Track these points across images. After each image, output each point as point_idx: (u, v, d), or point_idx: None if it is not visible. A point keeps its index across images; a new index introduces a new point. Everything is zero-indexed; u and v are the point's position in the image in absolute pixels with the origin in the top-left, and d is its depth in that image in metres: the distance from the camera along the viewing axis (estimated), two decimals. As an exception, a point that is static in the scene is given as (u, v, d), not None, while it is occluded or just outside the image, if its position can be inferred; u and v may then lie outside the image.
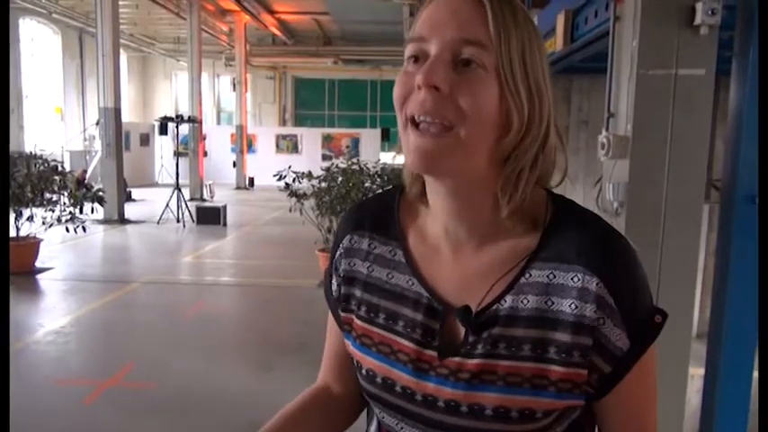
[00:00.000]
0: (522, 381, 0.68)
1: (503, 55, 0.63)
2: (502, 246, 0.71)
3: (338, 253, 0.82)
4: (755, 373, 2.38)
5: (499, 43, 0.63)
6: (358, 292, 0.79)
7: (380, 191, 0.82)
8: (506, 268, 0.70)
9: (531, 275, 0.69)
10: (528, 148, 0.67)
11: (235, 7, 16.45)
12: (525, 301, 0.69)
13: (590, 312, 0.67)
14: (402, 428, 0.75)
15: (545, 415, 0.68)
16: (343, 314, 0.81)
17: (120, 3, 11.51)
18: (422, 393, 0.72)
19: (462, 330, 0.71)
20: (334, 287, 0.83)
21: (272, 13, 17.94)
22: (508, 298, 0.69)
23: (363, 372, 0.77)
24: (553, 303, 0.68)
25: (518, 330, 0.68)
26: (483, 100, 0.64)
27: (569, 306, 0.67)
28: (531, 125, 0.67)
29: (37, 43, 16.74)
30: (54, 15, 16.00)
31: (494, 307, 0.70)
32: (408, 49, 0.67)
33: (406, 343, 0.73)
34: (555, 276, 0.68)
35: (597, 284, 0.66)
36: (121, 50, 13.93)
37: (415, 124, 0.65)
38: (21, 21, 15.51)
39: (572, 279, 0.67)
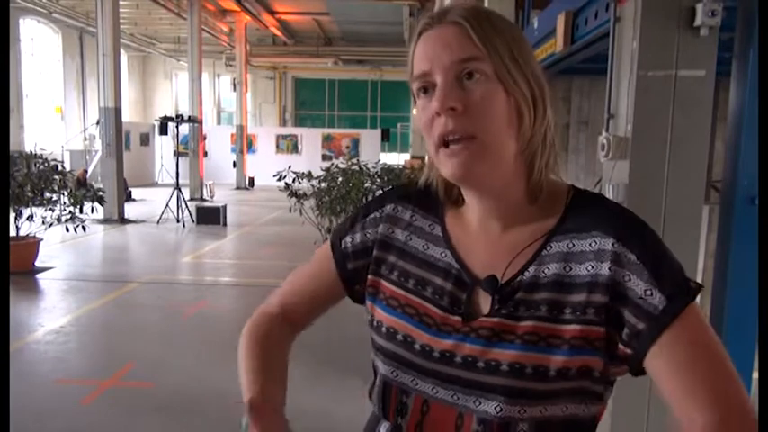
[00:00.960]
0: (538, 339, 0.72)
1: (495, 60, 0.71)
2: (527, 227, 0.78)
3: (374, 215, 0.87)
4: (755, 374, 2.38)
5: (488, 52, 0.71)
6: (392, 258, 0.84)
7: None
8: (530, 242, 0.77)
9: (552, 247, 0.75)
10: (539, 129, 0.75)
11: (235, 7, 16.46)
12: (546, 270, 0.75)
13: (605, 270, 0.71)
14: (417, 384, 0.78)
15: (558, 375, 0.71)
16: (371, 277, 0.86)
17: (121, 2, 11.51)
18: (440, 350, 0.76)
19: (487, 302, 0.76)
20: (354, 240, 0.87)
21: (272, 13, 17.96)
22: (531, 268, 0.75)
23: (384, 330, 0.82)
24: (571, 269, 0.73)
25: (538, 295, 0.74)
26: (493, 105, 0.72)
27: (586, 269, 0.72)
28: (537, 109, 0.74)
29: (37, 43, 16.76)
30: (54, 15, 16.00)
31: (518, 278, 0.75)
32: (415, 86, 0.75)
33: (432, 308, 0.79)
34: (574, 245, 0.74)
35: (613, 244, 0.71)
36: (122, 50, 13.93)
37: (445, 144, 0.72)
38: (21, 20, 15.52)
39: (589, 245, 0.73)
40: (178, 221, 10.52)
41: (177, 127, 12.09)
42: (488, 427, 0.73)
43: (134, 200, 13.70)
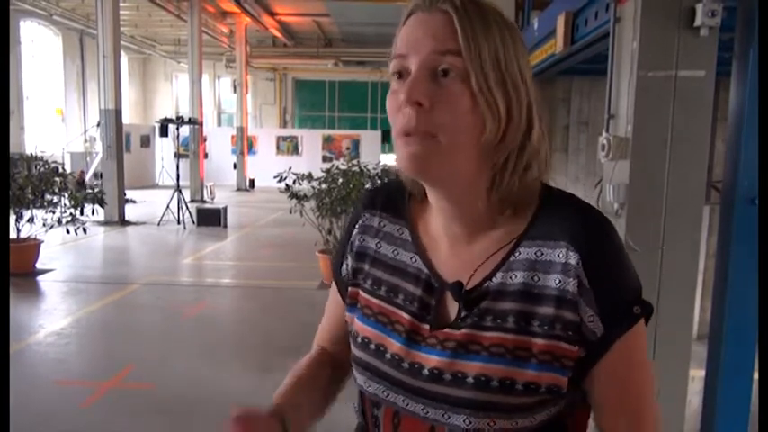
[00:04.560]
0: (504, 351, 0.71)
1: (473, 62, 0.68)
2: (495, 233, 0.76)
3: (354, 231, 0.87)
4: (755, 375, 2.38)
5: (469, 52, 0.68)
6: (366, 267, 0.84)
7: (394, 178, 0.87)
8: (498, 249, 0.75)
9: (520, 253, 0.74)
10: (512, 139, 0.72)
11: (235, 9, 16.46)
12: (513, 277, 0.73)
13: (572, 287, 0.70)
14: (388, 396, 0.78)
15: (525, 389, 0.70)
16: (351, 288, 0.86)
17: (121, 5, 11.52)
18: (409, 361, 0.75)
19: (455, 308, 0.75)
20: (345, 264, 0.87)
21: (272, 14, 17.96)
22: (498, 275, 0.74)
23: (359, 340, 0.82)
24: (539, 279, 0.72)
25: (505, 304, 0.72)
26: (459, 108, 0.69)
27: (554, 281, 0.71)
28: (510, 118, 0.71)
29: (38, 45, 16.76)
30: (55, 17, 16.01)
31: (485, 284, 0.74)
32: (392, 66, 0.73)
33: (403, 314, 0.78)
34: (542, 253, 0.72)
35: (577, 261, 0.70)
36: (122, 52, 13.94)
37: (406, 134, 0.70)
38: (21, 23, 15.53)
39: (558, 255, 0.71)
40: (179, 223, 10.51)
41: (178, 129, 12.08)
42: None
43: (133, 201, 13.65)
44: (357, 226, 0.87)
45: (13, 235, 6.48)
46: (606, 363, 0.71)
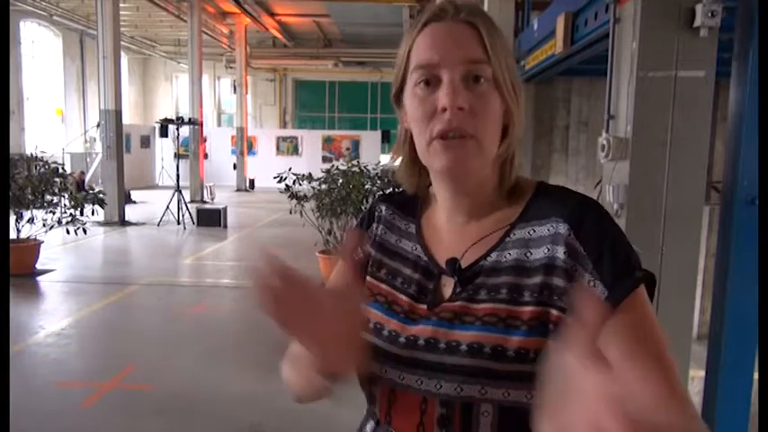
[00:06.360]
0: (497, 320, 0.74)
1: (496, 66, 0.76)
2: (492, 218, 0.82)
3: (366, 221, 0.94)
4: (755, 375, 2.38)
5: (496, 60, 0.76)
6: (373, 252, 0.90)
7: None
8: (492, 231, 0.81)
9: (515, 234, 0.79)
10: (515, 133, 0.81)
11: (235, 9, 16.47)
12: (507, 255, 0.78)
13: (561, 254, 0.73)
14: (385, 372, 0.80)
15: (516, 356, 0.72)
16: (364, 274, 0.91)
17: (121, 5, 11.53)
18: (405, 335, 0.79)
19: (451, 289, 0.80)
20: (370, 233, 0.93)
21: (272, 15, 17.97)
22: (493, 254, 0.79)
23: None
24: (531, 254, 0.76)
25: (498, 279, 0.77)
26: (492, 109, 0.76)
27: (543, 251, 0.75)
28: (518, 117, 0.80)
29: (38, 45, 16.77)
30: (55, 18, 16.03)
31: (480, 263, 0.79)
32: (418, 75, 0.77)
33: (400, 296, 0.84)
34: (534, 231, 0.77)
35: (567, 230, 0.74)
36: (122, 53, 13.94)
37: (442, 137, 0.75)
38: (22, 23, 15.54)
39: (547, 229, 0.76)
40: (179, 223, 10.52)
41: (178, 129, 12.09)
42: (451, 408, 0.75)
43: (134, 202, 13.69)
44: (372, 215, 0.94)
45: (13, 235, 6.49)
46: (615, 323, 0.68)
